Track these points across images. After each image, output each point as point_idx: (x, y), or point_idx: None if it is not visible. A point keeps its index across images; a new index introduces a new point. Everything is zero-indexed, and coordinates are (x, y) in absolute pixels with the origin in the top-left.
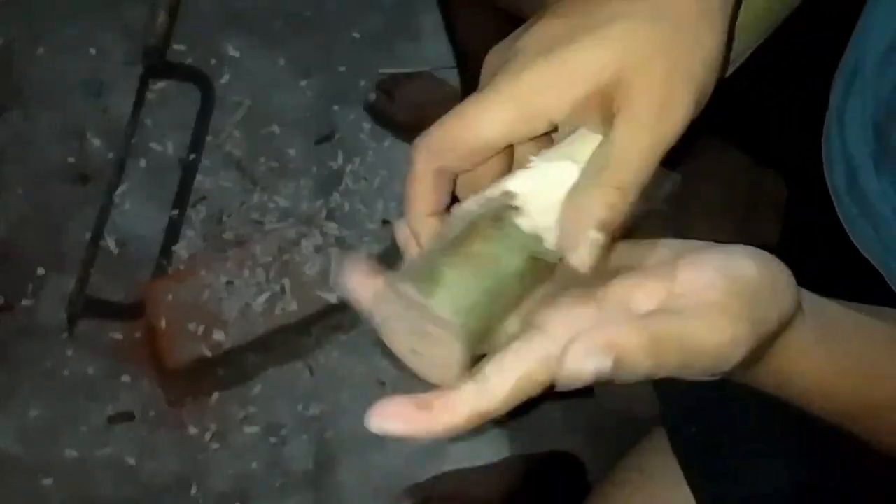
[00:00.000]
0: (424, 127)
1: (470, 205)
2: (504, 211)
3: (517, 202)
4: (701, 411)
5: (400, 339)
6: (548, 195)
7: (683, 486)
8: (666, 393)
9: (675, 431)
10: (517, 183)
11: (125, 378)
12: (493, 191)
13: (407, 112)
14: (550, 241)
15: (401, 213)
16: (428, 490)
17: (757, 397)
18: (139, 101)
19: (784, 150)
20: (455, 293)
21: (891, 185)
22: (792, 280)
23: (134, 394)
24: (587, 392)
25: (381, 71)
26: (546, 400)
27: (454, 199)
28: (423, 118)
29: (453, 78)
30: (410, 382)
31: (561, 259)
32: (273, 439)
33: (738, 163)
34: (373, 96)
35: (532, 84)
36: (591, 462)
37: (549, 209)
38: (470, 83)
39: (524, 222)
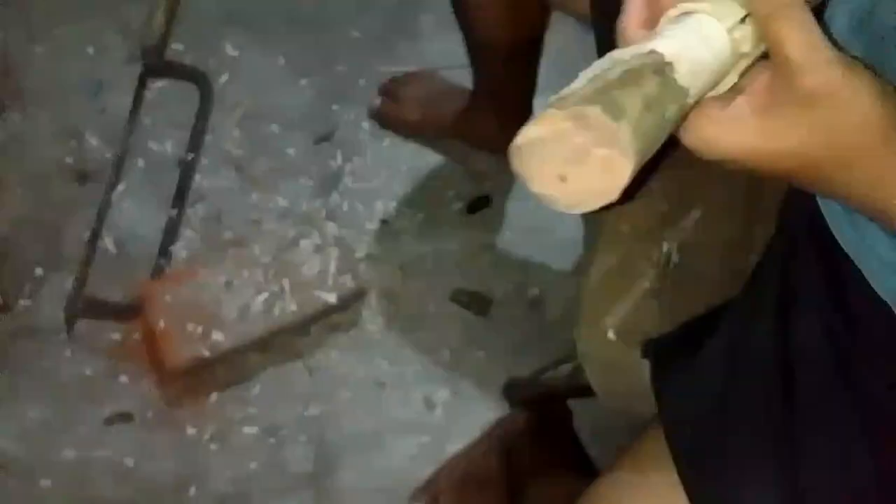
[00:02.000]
0: (434, 122)
1: (623, 54)
2: (661, 65)
3: (670, 58)
4: (698, 412)
5: (547, 166)
6: (695, 54)
7: (678, 487)
8: (664, 392)
9: (672, 431)
10: (664, 44)
11: (123, 378)
12: (642, 48)
13: (415, 109)
14: (691, 99)
15: (400, 214)
16: (434, 486)
17: (756, 404)
18: (138, 101)
19: None
20: (635, 123)
21: None
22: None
23: (132, 394)
24: (589, 392)
25: (381, 69)
26: (549, 400)
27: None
28: (431, 112)
29: (453, 77)
30: (409, 384)
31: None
32: (272, 440)
33: None
34: (377, 102)
35: None
36: (595, 462)
37: (697, 70)
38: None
39: (679, 77)
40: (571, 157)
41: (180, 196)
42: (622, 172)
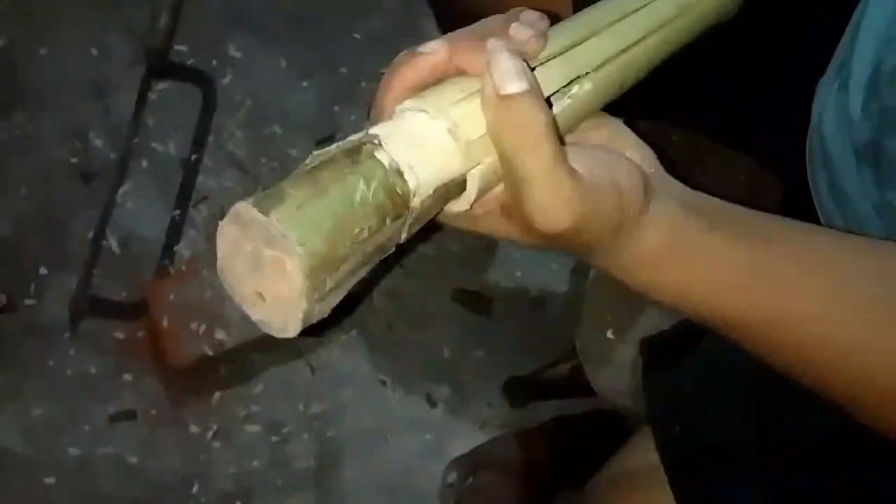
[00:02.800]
0: None
1: (331, 146)
2: (362, 145)
3: (376, 139)
4: (686, 410)
5: (242, 282)
6: (405, 138)
7: (668, 488)
8: (652, 392)
9: (660, 430)
10: (377, 128)
11: (127, 377)
12: (355, 135)
13: None
14: (410, 180)
15: None
16: (477, 459)
17: (741, 399)
18: (141, 102)
19: (783, 151)
20: (297, 208)
21: (871, 180)
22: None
23: (136, 393)
24: (589, 392)
25: (381, 71)
26: (548, 398)
27: None
28: None
29: None
30: (410, 382)
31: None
32: (275, 438)
33: (738, 162)
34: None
35: None
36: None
37: (408, 151)
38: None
39: (382, 155)
40: (253, 267)
41: (184, 196)
42: (293, 273)
